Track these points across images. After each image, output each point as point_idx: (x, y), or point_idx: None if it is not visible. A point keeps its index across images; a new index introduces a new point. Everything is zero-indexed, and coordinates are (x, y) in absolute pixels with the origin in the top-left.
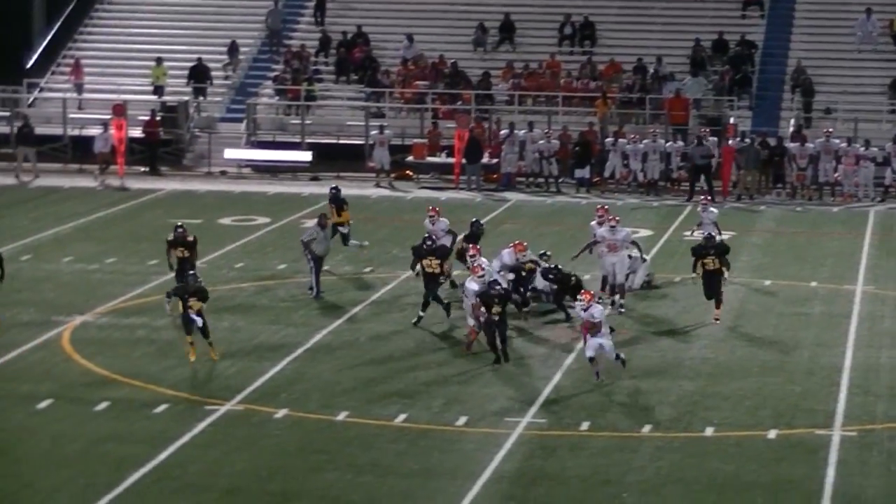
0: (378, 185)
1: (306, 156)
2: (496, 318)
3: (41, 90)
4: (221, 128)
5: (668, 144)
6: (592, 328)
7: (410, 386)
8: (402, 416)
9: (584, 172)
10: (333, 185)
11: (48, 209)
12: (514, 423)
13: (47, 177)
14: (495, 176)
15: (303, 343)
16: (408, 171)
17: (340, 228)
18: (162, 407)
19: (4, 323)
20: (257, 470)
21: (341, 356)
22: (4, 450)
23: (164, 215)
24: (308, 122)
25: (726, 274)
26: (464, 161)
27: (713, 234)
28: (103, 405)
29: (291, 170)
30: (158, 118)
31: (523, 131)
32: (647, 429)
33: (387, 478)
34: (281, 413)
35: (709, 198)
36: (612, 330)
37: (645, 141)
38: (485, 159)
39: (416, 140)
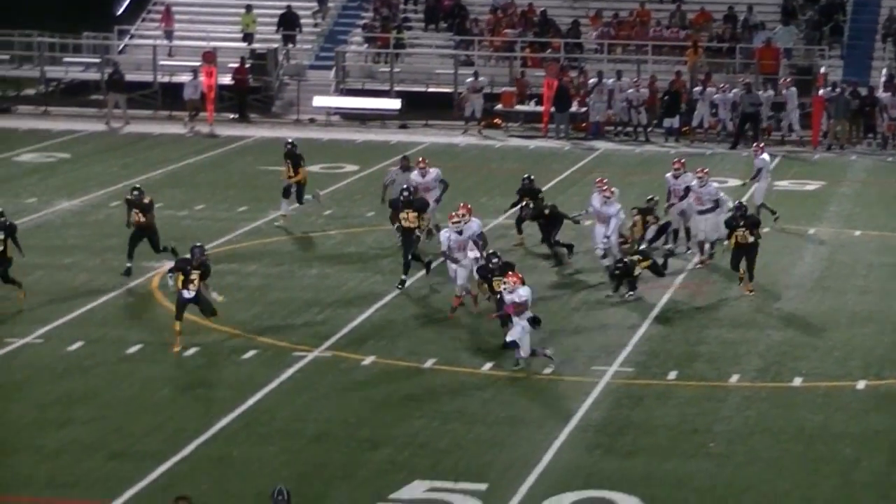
0: (466, 133)
1: (395, 104)
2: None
3: (132, 37)
4: (310, 75)
5: (758, 94)
6: (518, 308)
7: (497, 334)
8: (488, 365)
9: (672, 121)
10: (289, 140)
11: (138, 156)
12: (602, 372)
13: (137, 123)
14: (584, 125)
15: (390, 290)
16: (496, 120)
17: (294, 187)
18: (250, 353)
19: (99, 267)
20: (345, 416)
21: (428, 304)
22: (95, 394)
23: (253, 162)
24: (397, 69)
25: (713, 250)
26: (552, 110)
27: (743, 203)
28: (192, 351)
29: (380, 118)
30: (248, 65)
31: (612, 80)
32: (734, 379)
33: (474, 425)
34: (368, 360)
35: (761, 144)
36: (537, 322)
37: (734, 90)
38: (573, 108)
39: (504, 88)
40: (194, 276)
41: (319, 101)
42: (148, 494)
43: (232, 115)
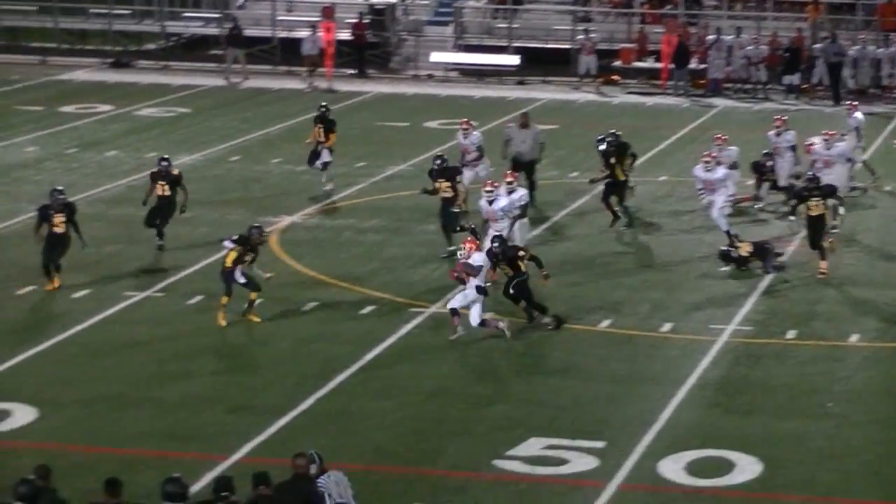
0: (579, 90)
1: (513, 60)
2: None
3: None
4: (428, 31)
5: (879, 51)
6: (468, 271)
7: (615, 292)
8: (606, 322)
9: (792, 78)
10: (323, 103)
11: (257, 110)
12: (720, 331)
13: (256, 78)
14: (702, 81)
15: None
16: (614, 76)
17: (322, 149)
18: (368, 308)
19: (218, 221)
20: (462, 372)
21: (547, 260)
22: (214, 348)
23: (371, 118)
24: (515, 25)
25: (836, 220)
26: (671, 66)
27: (816, 174)
28: (311, 305)
29: (498, 73)
30: (366, 21)
31: (731, 36)
32: (854, 338)
33: (591, 383)
34: (487, 315)
35: (854, 103)
36: (483, 291)
37: (855, 47)
38: (692, 64)
39: (623, 45)
40: (248, 258)
41: (437, 56)
42: (266, 448)
43: (350, 71)
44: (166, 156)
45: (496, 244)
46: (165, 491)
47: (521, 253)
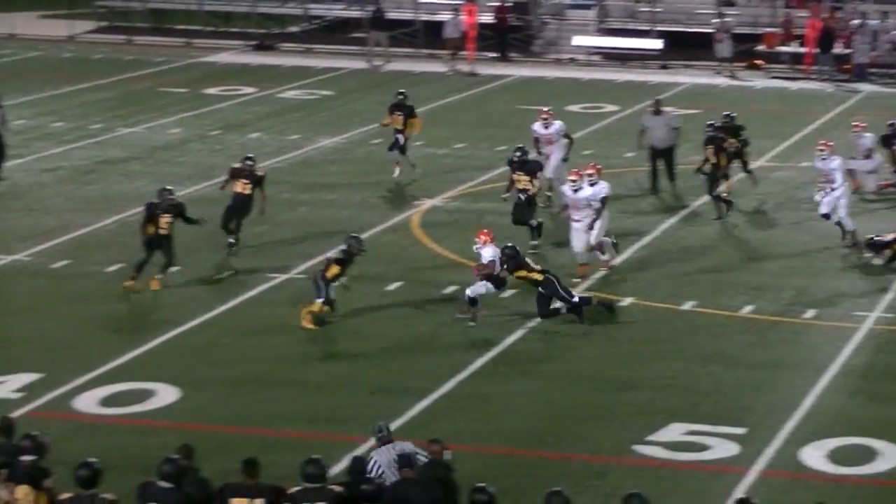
0: (719, 74)
1: (657, 43)
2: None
3: None
4: (571, 14)
5: None
6: (486, 270)
7: (757, 277)
8: (748, 308)
9: None
10: (401, 90)
11: None
12: (863, 318)
13: (398, 61)
14: (847, 66)
15: (650, 231)
16: (757, 61)
17: (399, 136)
18: (509, 292)
19: (361, 203)
20: (603, 357)
21: (688, 245)
22: (356, 330)
23: (512, 101)
24: (658, 9)
25: None
26: (816, 51)
27: None
28: (451, 288)
29: (640, 57)
30: (509, 4)
31: (876, 21)
32: None
33: (733, 368)
34: (627, 301)
35: None
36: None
37: None
38: (837, 49)
39: (767, 29)
40: (340, 270)
41: (579, 40)
42: (407, 431)
43: (492, 54)
44: (251, 154)
45: (508, 251)
46: (305, 472)
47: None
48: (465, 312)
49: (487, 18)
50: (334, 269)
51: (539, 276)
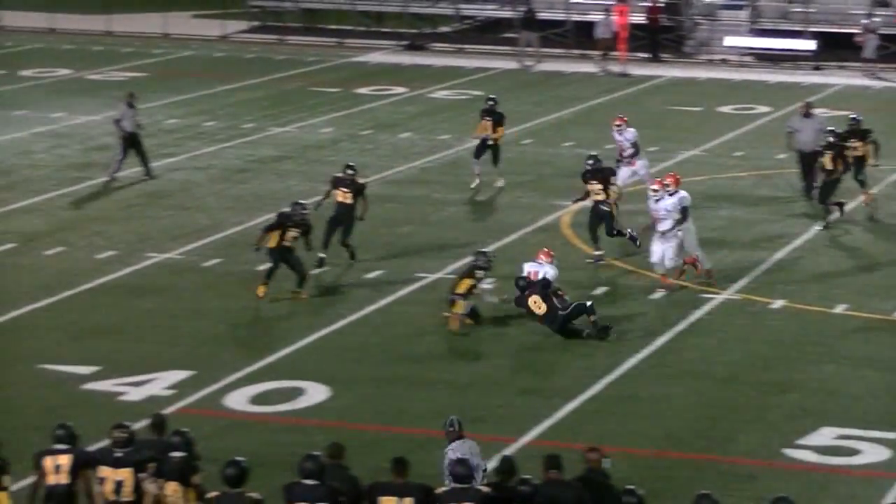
0: (874, 75)
1: (810, 44)
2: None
3: None
4: (723, 15)
5: None
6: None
7: None
8: None
9: None
10: (490, 96)
11: (549, 93)
12: None
13: (549, 61)
14: None
15: (800, 234)
16: None
17: (489, 143)
18: (659, 293)
19: (511, 204)
20: (753, 359)
21: (839, 248)
22: (506, 331)
23: (664, 102)
24: (812, 9)
25: None
26: None
27: None
28: (601, 290)
29: (793, 58)
30: (661, 4)
31: None
32: None
33: (886, 372)
34: (778, 304)
35: None
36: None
37: None
38: None
39: None
40: (471, 284)
41: (731, 41)
42: (555, 432)
43: (644, 55)
44: (352, 163)
45: (521, 282)
46: (453, 472)
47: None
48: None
49: (639, 19)
50: (465, 283)
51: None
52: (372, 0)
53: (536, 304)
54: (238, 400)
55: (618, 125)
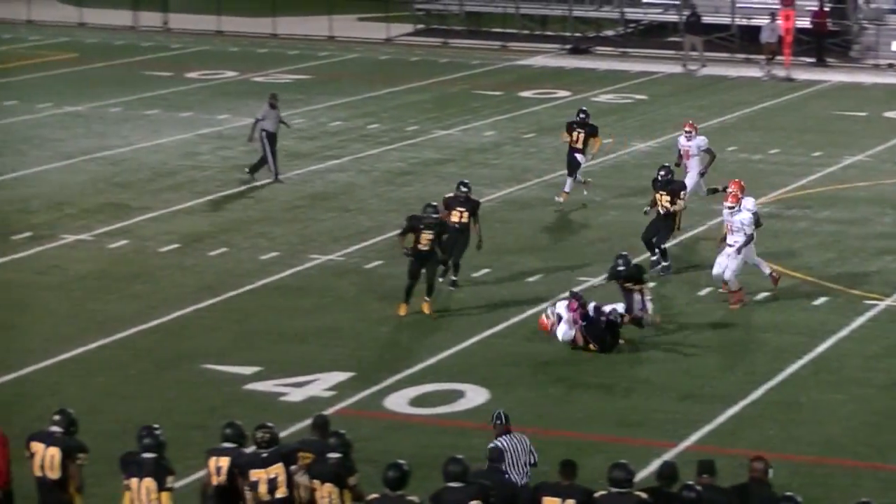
0: None
1: None
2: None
3: None
4: (890, 20)
5: None
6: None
7: None
8: None
9: None
10: (583, 108)
11: (713, 98)
12: None
13: (714, 66)
14: None
15: None
16: None
17: (577, 155)
18: (821, 300)
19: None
20: None
21: None
22: (665, 334)
23: (829, 107)
24: None
25: None
26: None
27: None
28: (763, 295)
29: None
30: (827, 9)
31: None
32: None
33: None
34: None
35: None
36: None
37: None
38: None
39: None
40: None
41: None
42: (714, 438)
43: (809, 59)
44: (466, 180)
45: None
46: (612, 476)
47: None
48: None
49: (804, 23)
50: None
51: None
52: (536, 3)
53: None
54: (398, 402)
55: (687, 131)
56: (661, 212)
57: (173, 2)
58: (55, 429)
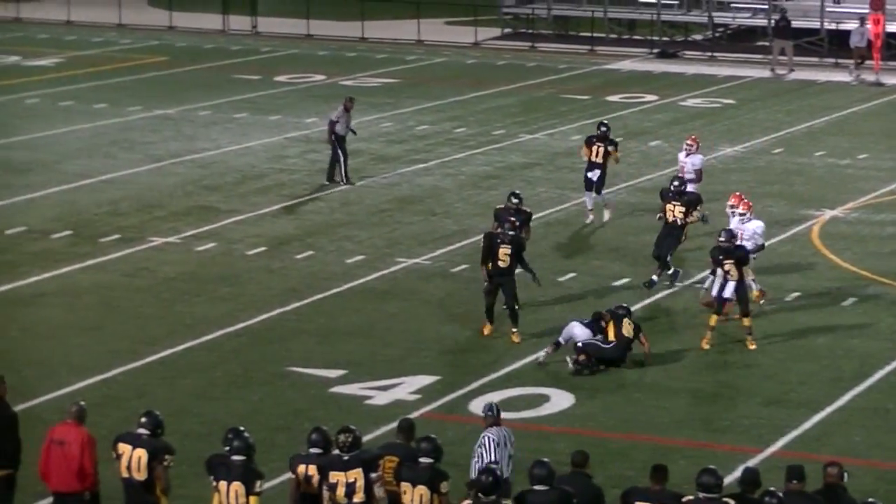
0: None
1: None
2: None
3: None
4: None
5: None
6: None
7: None
8: None
9: None
10: (603, 121)
11: (802, 102)
12: None
13: (802, 70)
14: None
15: None
16: None
17: (589, 174)
18: None
19: (761, 213)
20: None
21: None
22: (742, 342)
23: None
24: None
25: None
26: None
27: None
28: (850, 301)
29: None
30: None
31: None
32: None
33: None
34: None
35: None
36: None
37: None
38: None
39: None
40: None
41: None
42: (800, 443)
43: None
44: (518, 191)
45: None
46: (700, 481)
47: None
48: None
49: (894, 28)
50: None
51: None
52: (624, 7)
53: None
54: (483, 406)
55: (689, 145)
56: (670, 221)
57: (262, 5)
58: (142, 431)
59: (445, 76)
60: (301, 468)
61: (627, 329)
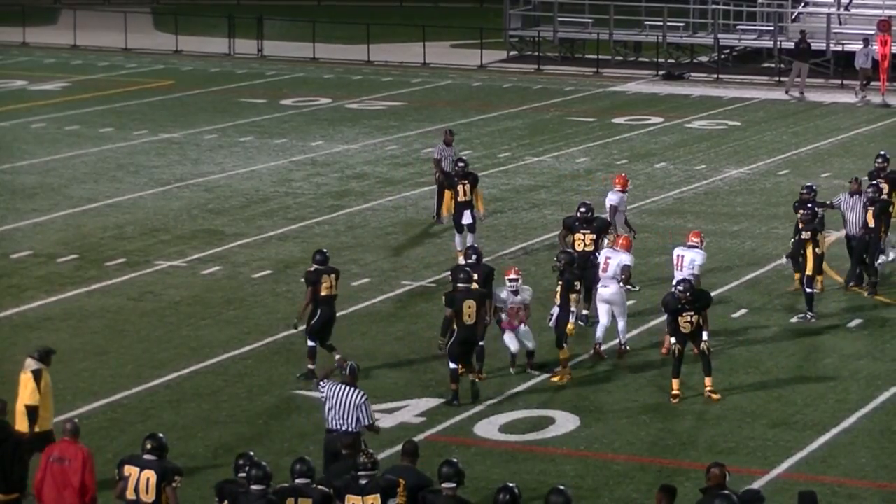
0: None
1: None
2: None
3: (805, 4)
4: None
5: None
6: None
7: None
8: None
9: None
10: (461, 157)
11: (808, 124)
12: None
13: (809, 91)
14: None
15: None
16: None
17: (465, 213)
18: None
19: (765, 235)
20: None
21: None
22: (758, 361)
23: None
24: None
25: None
26: None
27: None
28: (856, 322)
29: None
30: None
31: None
32: None
33: None
34: None
35: None
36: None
37: None
38: None
39: None
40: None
41: None
42: (806, 465)
43: None
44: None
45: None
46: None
47: None
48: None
49: None
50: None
51: None
52: (630, 30)
53: None
54: (487, 428)
55: (616, 183)
56: (580, 251)
57: (268, 29)
58: (148, 457)
59: (451, 99)
60: (290, 501)
61: None
